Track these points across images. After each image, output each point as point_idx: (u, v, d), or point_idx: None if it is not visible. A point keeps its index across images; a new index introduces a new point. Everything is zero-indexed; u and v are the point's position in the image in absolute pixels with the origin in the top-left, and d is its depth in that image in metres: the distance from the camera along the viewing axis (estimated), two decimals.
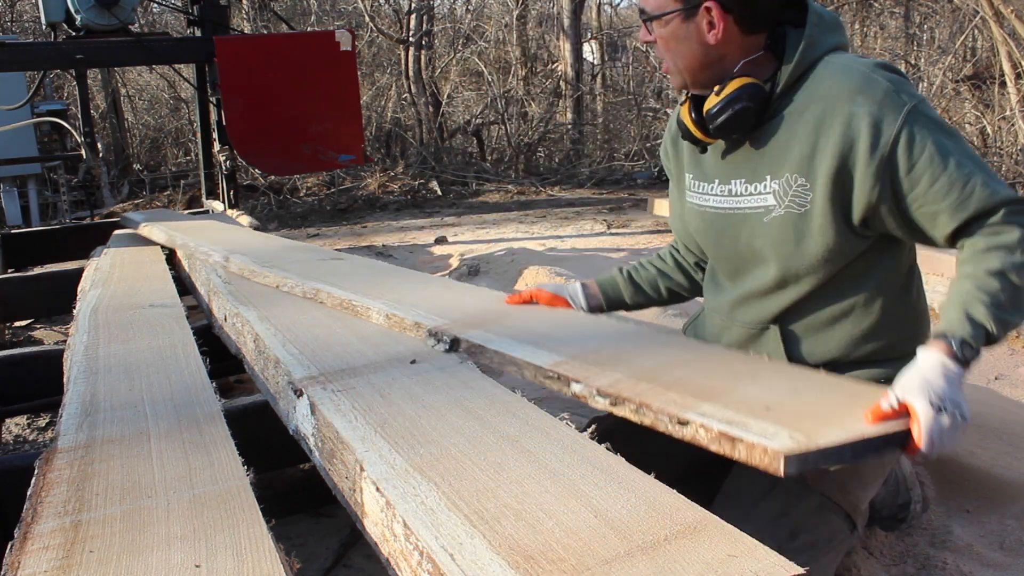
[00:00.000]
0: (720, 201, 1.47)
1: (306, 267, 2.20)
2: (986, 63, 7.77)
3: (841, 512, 1.31)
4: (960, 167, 1.24)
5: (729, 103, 1.36)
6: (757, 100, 1.35)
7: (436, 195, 7.90)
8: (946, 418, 1.07)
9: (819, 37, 1.36)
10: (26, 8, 10.30)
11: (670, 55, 1.41)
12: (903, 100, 1.26)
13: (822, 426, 1.03)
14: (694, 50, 1.38)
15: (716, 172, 1.48)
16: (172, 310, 2.03)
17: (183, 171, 9.01)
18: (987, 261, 1.23)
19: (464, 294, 1.91)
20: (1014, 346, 2.91)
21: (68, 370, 1.61)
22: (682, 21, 1.36)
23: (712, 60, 1.38)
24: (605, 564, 0.79)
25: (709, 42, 1.35)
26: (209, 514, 0.98)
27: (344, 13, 11.39)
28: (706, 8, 1.34)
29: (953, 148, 1.25)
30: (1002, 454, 2.01)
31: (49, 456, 1.16)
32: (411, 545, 0.88)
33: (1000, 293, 1.20)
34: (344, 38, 4.32)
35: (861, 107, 1.28)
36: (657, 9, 1.38)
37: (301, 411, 1.31)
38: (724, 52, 1.37)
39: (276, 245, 2.63)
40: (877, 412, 1.07)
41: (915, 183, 1.26)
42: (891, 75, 1.30)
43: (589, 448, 1.04)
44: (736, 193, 1.44)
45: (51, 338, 3.75)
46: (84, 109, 3.98)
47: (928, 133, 1.25)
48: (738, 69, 1.37)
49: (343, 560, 1.79)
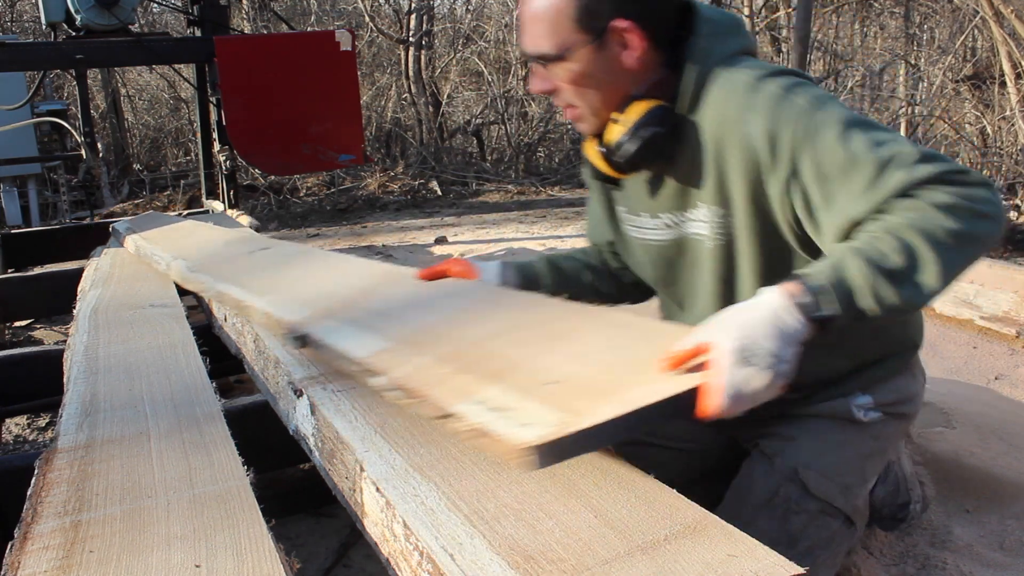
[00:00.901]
0: (658, 235, 1.34)
1: (234, 265, 2.08)
2: (986, 63, 7.77)
3: (841, 515, 1.31)
4: (871, 151, 1.06)
5: (636, 131, 1.20)
6: (668, 123, 1.20)
7: (436, 195, 7.89)
8: (751, 371, 0.91)
9: (710, 47, 1.20)
10: (26, 8, 10.29)
11: (582, 98, 1.22)
12: (795, 103, 1.12)
13: (598, 400, 0.91)
14: (613, 82, 1.20)
15: (643, 205, 1.34)
16: (172, 310, 2.03)
17: (183, 171, 9.00)
18: (893, 218, 1.02)
19: (362, 275, 1.71)
20: (1014, 346, 2.91)
21: (68, 370, 1.61)
22: (594, 52, 1.17)
23: (627, 85, 1.21)
24: (605, 564, 0.79)
25: (627, 66, 1.19)
26: (209, 514, 0.98)
27: (344, 13, 11.38)
28: (614, 29, 1.16)
29: (859, 136, 1.08)
30: (1002, 454, 2.01)
31: (49, 456, 1.17)
32: (411, 545, 0.88)
33: (893, 254, 0.98)
34: (344, 38, 4.32)
35: (752, 125, 1.14)
36: (558, 48, 1.18)
37: (301, 411, 1.31)
38: (642, 75, 1.20)
39: (219, 242, 2.48)
40: (674, 358, 0.93)
41: (824, 182, 1.10)
42: (781, 79, 1.15)
43: None
44: (670, 224, 1.32)
45: (51, 338, 3.75)
46: (84, 109, 3.98)
47: (828, 129, 1.09)
48: (639, 92, 1.22)
49: (343, 560, 1.79)
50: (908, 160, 1.04)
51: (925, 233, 0.99)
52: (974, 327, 3.04)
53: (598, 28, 1.16)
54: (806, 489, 1.29)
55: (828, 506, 1.29)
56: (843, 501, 1.30)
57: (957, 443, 2.03)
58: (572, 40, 1.17)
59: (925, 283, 0.99)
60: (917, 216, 1.00)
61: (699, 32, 1.20)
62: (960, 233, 0.99)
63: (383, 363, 1.15)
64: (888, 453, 1.43)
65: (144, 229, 3.01)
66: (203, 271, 2.02)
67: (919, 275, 0.99)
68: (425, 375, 1.08)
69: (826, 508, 1.29)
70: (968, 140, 7.29)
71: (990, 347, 2.93)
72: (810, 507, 1.28)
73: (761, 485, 1.31)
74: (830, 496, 1.29)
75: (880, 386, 1.37)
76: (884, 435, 1.38)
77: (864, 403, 1.35)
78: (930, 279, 0.99)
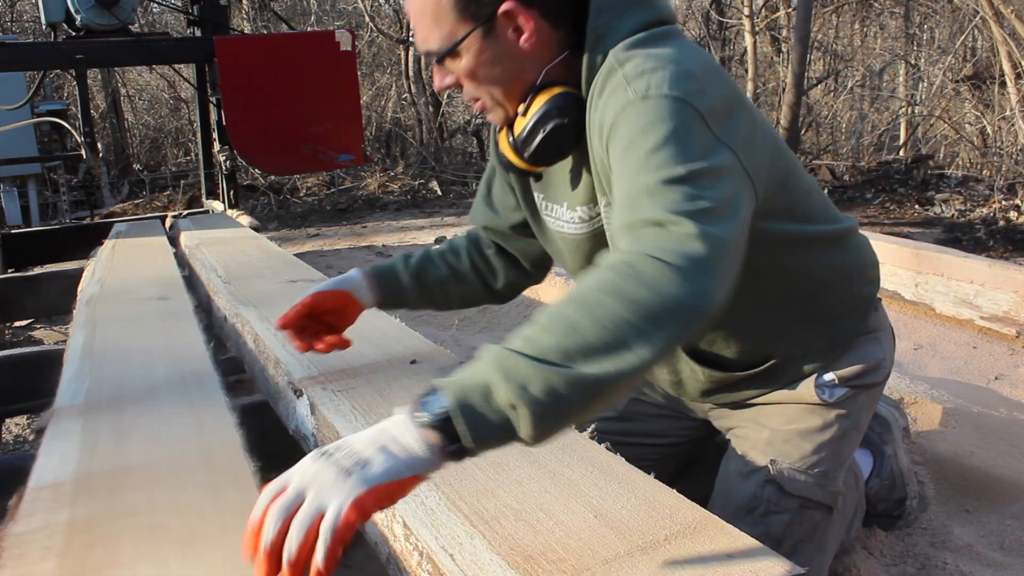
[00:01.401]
0: (576, 228, 1.24)
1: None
2: (986, 63, 7.77)
3: (821, 507, 1.29)
4: (657, 162, 0.92)
5: (538, 124, 1.11)
6: (570, 113, 1.10)
7: (436, 195, 7.89)
8: (321, 467, 0.73)
9: (610, 23, 1.08)
10: (26, 8, 10.30)
11: (481, 88, 1.13)
12: (633, 88, 0.99)
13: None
14: (508, 70, 1.11)
15: (561, 195, 1.25)
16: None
17: (183, 171, 9.01)
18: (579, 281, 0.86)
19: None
20: (1014, 346, 2.91)
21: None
22: (483, 40, 1.08)
23: (531, 75, 1.11)
24: (605, 564, 0.79)
25: (524, 50, 1.09)
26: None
27: (344, 13, 11.38)
28: (504, 14, 1.06)
29: (668, 145, 0.93)
30: (1002, 454, 2.01)
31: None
32: (411, 545, 0.88)
33: (548, 330, 0.78)
34: (344, 38, 4.33)
35: (599, 110, 1.05)
36: (447, 40, 1.08)
37: (301, 411, 1.32)
38: (542, 58, 1.11)
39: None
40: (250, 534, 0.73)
41: (617, 174, 0.99)
42: (644, 64, 1.01)
43: (589, 448, 1.04)
44: (583, 219, 1.23)
45: (51, 338, 3.75)
46: (84, 109, 3.98)
47: (645, 122, 0.96)
48: (541, 79, 1.11)
49: (343, 560, 1.79)
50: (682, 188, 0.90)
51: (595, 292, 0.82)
52: (974, 327, 3.04)
53: (484, 15, 1.06)
54: (782, 489, 1.27)
55: (807, 501, 1.27)
56: (821, 493, 1.28)
57: (957, 443, 2.03)
58: (458, 31, 1.08)
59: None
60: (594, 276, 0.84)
61: (594, 8, 1.08)
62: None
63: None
64: (863, 425, 1.36)
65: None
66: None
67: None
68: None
69: (805, 503, 1.27)
70: (968, 140, 7.30)
71: (990, 347, 2.93)
72: (790, 505, 1.27)
73: (740, 491, 1.30)
74: (807, 492, 1.27)
75: (842, 358, 1.30)
76: (854, 410, 1.32)
77: (827, 381, 1.29)
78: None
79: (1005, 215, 5.24)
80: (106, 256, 2.85)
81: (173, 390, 1.39)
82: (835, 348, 1.30)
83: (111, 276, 2.47)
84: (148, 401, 1.34)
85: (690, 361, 1.31)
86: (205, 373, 1.47)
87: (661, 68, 1.00)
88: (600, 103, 1.05)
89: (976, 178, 6.30)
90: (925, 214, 5.68)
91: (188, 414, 1.27)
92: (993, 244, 4.69)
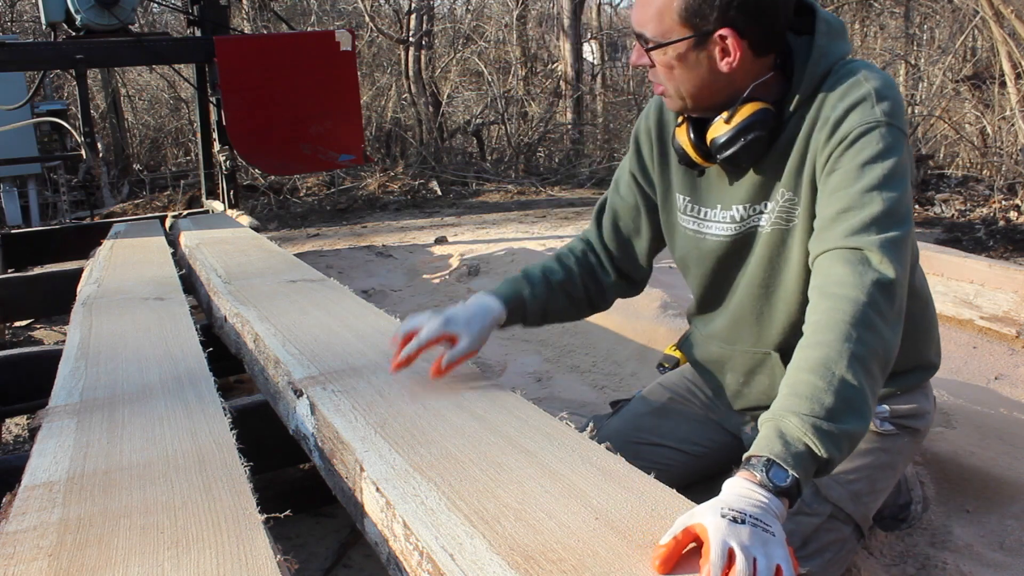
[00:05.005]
0: (723, 229, 1.38)
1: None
2: (986, 63, 7.77)
3: (851, 523, 1.33)
4: (867, 195, 1.13)
5: (741, 132, 1.26)
6: (768, 126, 1.26)
7: (436, 195, 7.89)
8: (745, 530, 0.81)
9: (828, 48, 1.26)
10: (26, 8, 10.29)
11: (672, 82, 1.28)
12: (875, 112, 1.17)
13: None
14: (702, 78, 1.25)
15: (717, 197, 1.38)
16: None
17: (183, 171, 9.00)
18: (817, 335, 1.03)
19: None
20: (1014, 346, 2.91)
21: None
22: (691, 49, 1.22)
23: (721, 87, 1.26)
24: (605, 564, 0.79)
25: (721, 70, 1.23)
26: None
27: (344, 13, 11.38)
28: (720, 36, 1.20)
29: (881, 179, 1.14)
30: (1002, 454, 2.01)
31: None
32: (411, 545, 0.88)
33: (826, 393, 0.96)
34: (344, 38, 4.32)
35: (836, 109, 1.20)
36: (661, 36, 1.22)
37: (301, 411, 1.31)
38: (735, 78, 1.25)
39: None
40: (665, 556, 0.79)
41: (827, 189, 1.19)
42: (884, 89, 1.20)
43: (589, 448, 1.04)
44: (738, 219, 1.35)
45: (51, 338, 3.75)
46: (84, 109, 3.97)
47: (874, 152, 1.15)
48: (748, 93, 1.26)
49: (343, 560, 1.79)
50: (883, 224, 1.12)
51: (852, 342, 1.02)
52: (974, 327, 3.03)
53: (702, 30, 1.20)
54: (818, 492, 1.32)
55: (839, 511, 1.32)
56: (853, 507, 1.33)
57: (957, 443, 2.03)
58: (674, 33, 1.21)
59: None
60: (843, 325, 1.03)
61: (818, 31, 1.25)
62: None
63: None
64: (899, 469, 1.45)
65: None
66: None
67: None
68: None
69: (836, 512, 1.32)
70: (968, 140, 7.29)
71: (990, 347, 2.93)
72: (822, 510, 1.31)
73: None
74: (841, 501, 1.32)
75: (896, 399, 1.42)
76: (896, 449, 1.41)
77: (880, 412, 1.40)
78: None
79: (1005, 215, 5.24)
80: (104, 256, 2.85)
81: (167, 390, 1.39)
82: (894, 392, 1.41)
83: (108, 276, 2.47)
84: (142, 401, 1.34)
85: (783, 370, 1.34)
86: (200, 374, 1.47)
87: (895, 96, 1.20)
88: (833, 98, 1.21)
89: (976, 178, 6.31)
90: (925, 214, 5.68)
91: (182, 414, 1.27)
92: (993, 244, 4.69)
